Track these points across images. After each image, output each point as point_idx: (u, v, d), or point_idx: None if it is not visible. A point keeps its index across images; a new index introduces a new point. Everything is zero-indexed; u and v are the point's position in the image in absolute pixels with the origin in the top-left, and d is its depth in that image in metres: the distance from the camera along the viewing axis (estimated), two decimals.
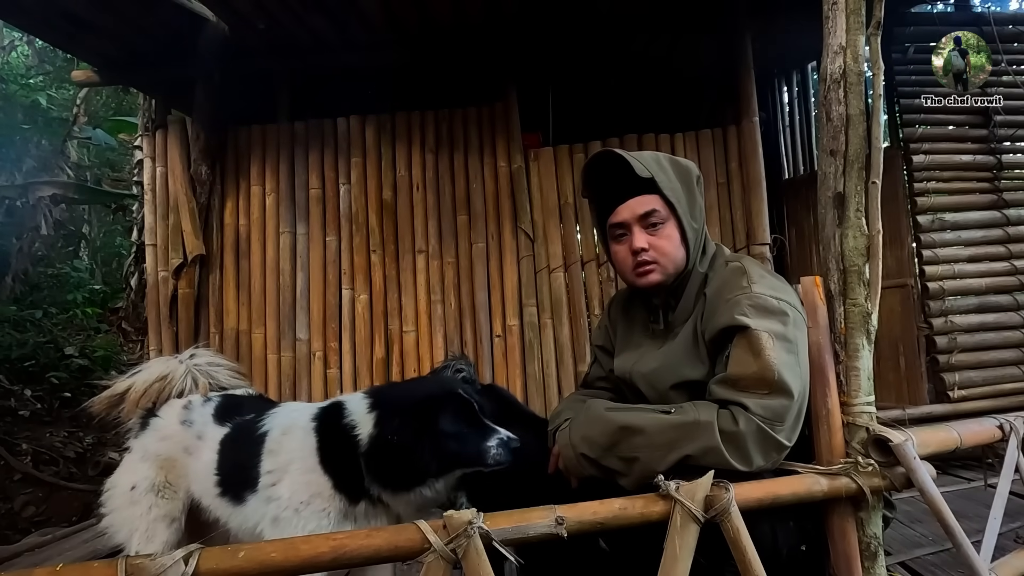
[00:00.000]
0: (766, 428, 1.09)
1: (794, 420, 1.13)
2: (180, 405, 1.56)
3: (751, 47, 3.11)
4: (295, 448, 1.31)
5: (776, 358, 1.10)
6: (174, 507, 1.49)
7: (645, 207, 1.29)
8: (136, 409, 1.59)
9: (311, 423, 1.33)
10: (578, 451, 1.23)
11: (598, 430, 1.20)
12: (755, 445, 1.09)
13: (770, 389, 1.10)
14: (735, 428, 1.09)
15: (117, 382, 1.61)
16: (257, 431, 1.39)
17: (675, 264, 1.31)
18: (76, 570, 0.90)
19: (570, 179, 3.17)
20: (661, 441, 1.12)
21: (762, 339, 1.11)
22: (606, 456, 1.18)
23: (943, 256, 3.21)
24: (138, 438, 1.57)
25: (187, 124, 3.24)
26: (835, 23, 1.21)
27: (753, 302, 1.16)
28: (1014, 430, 1.44)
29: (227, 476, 1.41)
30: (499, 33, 3.20)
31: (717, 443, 1.08)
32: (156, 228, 3.23)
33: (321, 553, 0.89)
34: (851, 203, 1.19)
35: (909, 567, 1.80)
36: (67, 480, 3.86)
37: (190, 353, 1.70)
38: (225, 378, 1.68)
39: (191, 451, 1.49)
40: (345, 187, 3.24)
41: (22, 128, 5.92)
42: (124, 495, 1.50)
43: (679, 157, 1.40)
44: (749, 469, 1.09)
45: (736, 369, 1.13)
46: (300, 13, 2.97)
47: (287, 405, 1.53)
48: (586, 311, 3.13)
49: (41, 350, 4.70)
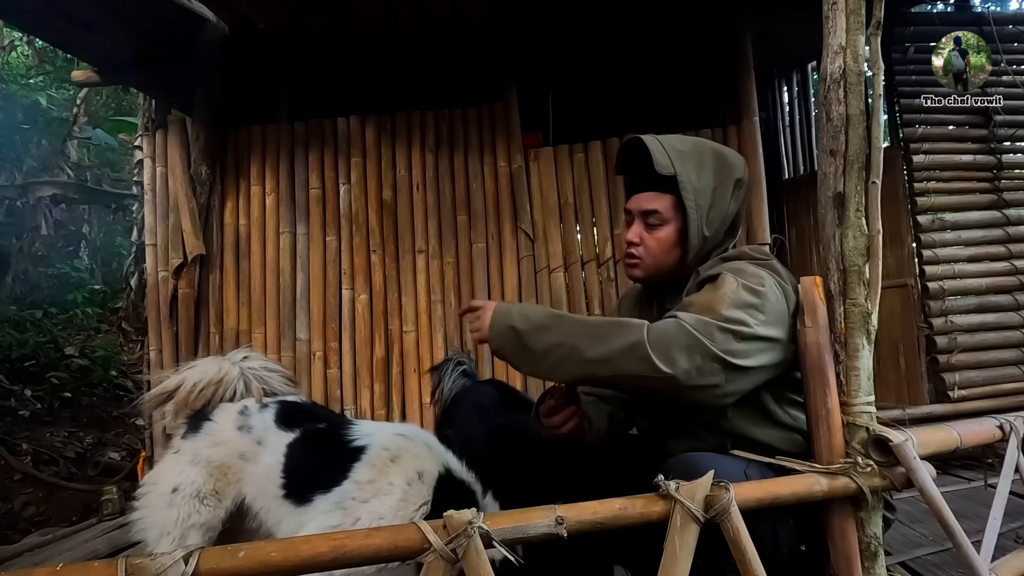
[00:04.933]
0: (692, 331, 1.06)
1: (731, 346, 1.07)
2: (235, 410, 1.52)
3: (751, 47, 3.11)
4: (400, 483, 1.30)
5: (732, 298, 1.10)
6: (214, 517, 1.44)
7: (650, 205, 1.28)
8: (186, 409, 1.54)
9: (431, 475, 1.32)
10: (510, 320, 1.16)
11: (537, 311, 1.17)
12: (678, 344, 1.05)
13: (712, 316, 1.08)
14: (660, 327, 1.08)
15: (167, 380, 1.58)
16: (347, 442, 1.38)
17: (659, 265, 1.30)
18: (76, 570, 0.90)
19: (570, 179, 3.17)
20: (594, 333, 1.10)
21: (727, 279, 1.13)
22: (535, 333, 1.13)
23: (943, 256, 3.21)
24: (188, 440, 1.51)
25: (187, 124, 3.24)
26: (835, 23, 1.21)
27: (733, 267, 1.18)
28: (1014, 430, 1.44)
29: (295, 478, 1.38)
30: (499, 33, 3.20)
31: (643, 338, 1.05)
32: (156, 228, 3.23)
33: (321, 553, 0.89)
34: (851, 203, 1.19)
35: (909, 567, 1.79)
36: (67, 480, 3.86)
37: (243, 355, 1.65)
38: (278, 384, 1.64)
39: (248, 457, 1.46)
40: (345, 187, 3.24)
41: (22, 128, 5.93)
42: (164, 496, 1.43)
43: (730, 152, 1.33)
44: (673, 371, 1.04)
45: (690, 298, 1.16)
46: (300, 13, 2.97)
47: (381, 425, 1.52)
48: (586, 311, 3.13)
49: (41, 350, 4.70)
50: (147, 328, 3.29)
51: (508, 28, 3.19)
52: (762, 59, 3.25)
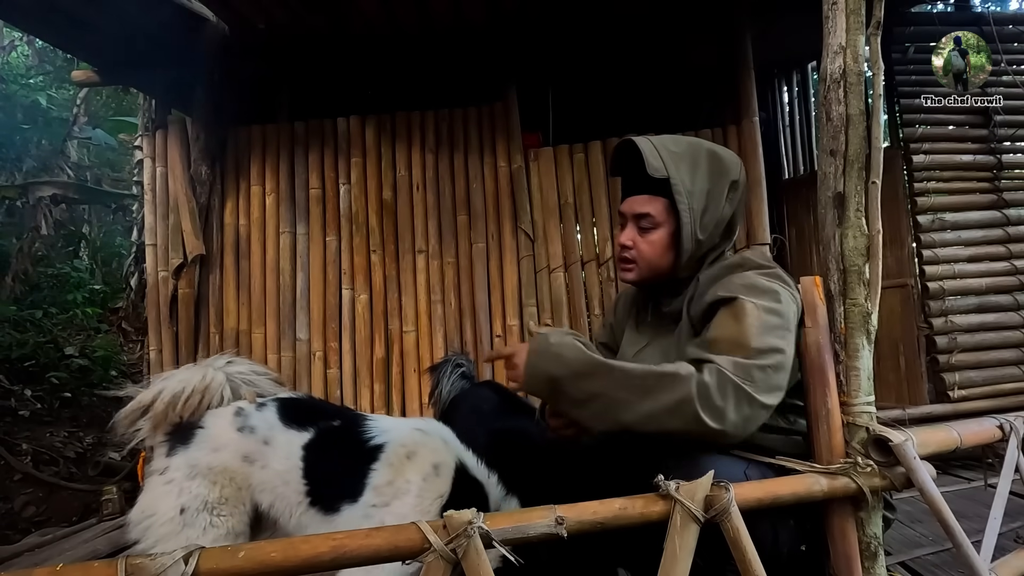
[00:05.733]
0: (736, 380, 1.03)
1: (766, 381, 1.06)
2: (230, 413, 1.44)
3: (751, 47, 3.11)
4: (416, 480, 1.29)
5: (757, 327, 1.08)
6: (237, 523, 1.35)
7: (643, 208, 1.28)
8: (164, 423, 1.42)
9: (448, 466, 1.32)
10: (547, 367, 1.12)
11: (574, 355, 1.12)
12: (725, 396, 1.03)
13: (745, 353, 1.07)
14: (704, 380, 1.04)
15: (141, 393, 1.45)
16: (365, 440, 1.35)
17: (652, 268, 1.30)
18: (76, 570, 0.90)
19: (570, 179, 3.17)
20: (637, 384, 1.06)
21: (746, 307, 1.10)
22: (572, 381, 1.10)
23: (943, 256, 3.21)
24: (178, 454, 1.39)
25: (187, 124, 3.24)
26: (835, 23, 1.21)
27: (744, 282, 1.16)
28: (1014, 430, 1.44)
29: (319, 484, 1.34)
30: (499, 33, 3.20)
31: (692, 394, 1.02)
32: (156, 228, 3.23)
33: (321, 553, 0.89)
34: (851, 203, 1.19)
35: (909, 567, 1.79)
36: (67, 480, 3.85)
37: (227, 360, 1.56)
38: (268, 386, 1.58)
39: (255, 459, 1.38)
40: (345, 187, 3.24)
41: (22, 128, 5.94)
42: (171, 522, 1.32)
43: (725, 153, 1.30)
44: (722, 426, 1.02)
45: (714, 332, 1.12)
46: (300, 13, 2.97)
47: (399, 421, 1.48)
48: (586, 311, 3.13)
49: (41, 350, 4.69)
50: (147, 328, 3.29)
51: (508, 28, 3.19)
52: (762, 59, 3.25)
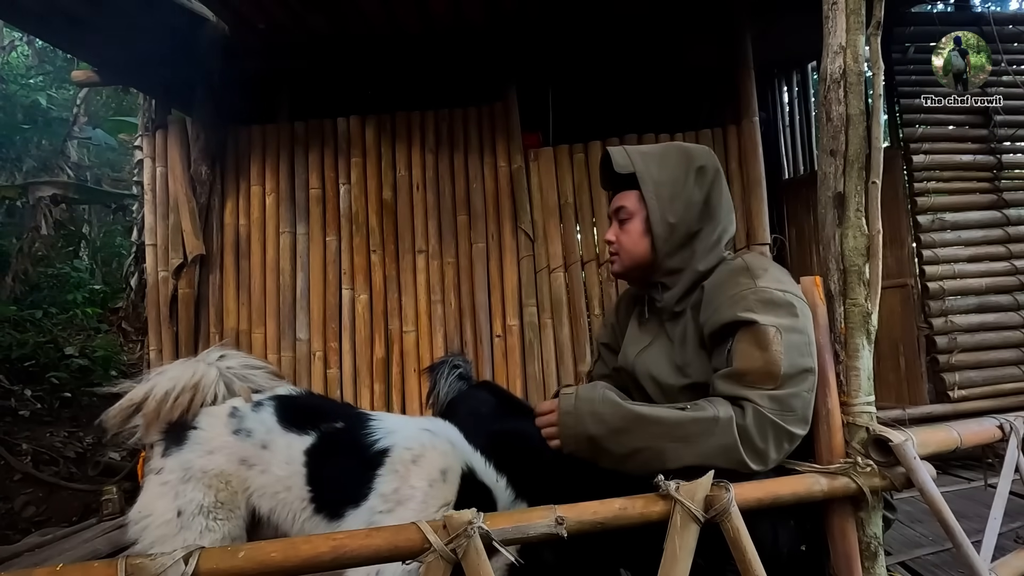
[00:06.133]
0: (775, 419, 1.07)
1: (804, 408, 1.11)
2: (224, 413, 1.38)
3: (751, 47, 3.11)
4: (422, 486, 1.25)
5: (783, 352, 1.09)
6: (233, 527, 1.31)
7: (619, 203, 1.38)
8: (158, 421, 1.36)
9: (455, 471, 1.28)
10: (584, 427, 1.15)
11: (610, 411, 1.14)
12: (766, 438, 1.07)
13: (776, 383, 1.08)
14: (744, 423, 1.07)
15: (132, 390, 1.39)
16: (370, 444, 1.30)
17: (632, 258, 1.35)
18: (76, 570, 0.90)
19: (570, 179, 3.17)
20: (679, 434, 1.09)
21: (769, 333, 1.10)
22: (612, 438, 1.13)
23: (943, 256, 3.21)
24: (173, 455, 1.34)
25: (187, 124, 3.24)
26: (835, 23, 1.21)
27: (759, 297, 1.14)
28: (1014, 430, 1.44)
29: (323, 491, 1.30)
30: (499, 33, 3.20)
31: (735, 441, 1.06)
32: (156, 228, 3.23)
33: (321, 553, 0.89)
34: (851, 203, 1.19)
35: (909, 567, 1.80)
36: (67, 480, 3.85)
37: (219, 354, 1.48)
38: (263, 380, 1.50)
39: (252, 464, 1.33)
40: (345, 187, 3.24)
41: (22, 128, 5.94)
42: (168, 523, 1.28)
43: (696, 147, 1.38)
44: (765, 467, 1.07)
45: (741, 363, 1.11)
46: (300, 13, 2.97)
47: (405, 420, 1.44)
48: (586, 311, 3.13)
49: (41, 350, 4.69)
50: (147, 328, 3.29)
51: (508, 28, 3.19)
52: (762, 59, 3.25)
